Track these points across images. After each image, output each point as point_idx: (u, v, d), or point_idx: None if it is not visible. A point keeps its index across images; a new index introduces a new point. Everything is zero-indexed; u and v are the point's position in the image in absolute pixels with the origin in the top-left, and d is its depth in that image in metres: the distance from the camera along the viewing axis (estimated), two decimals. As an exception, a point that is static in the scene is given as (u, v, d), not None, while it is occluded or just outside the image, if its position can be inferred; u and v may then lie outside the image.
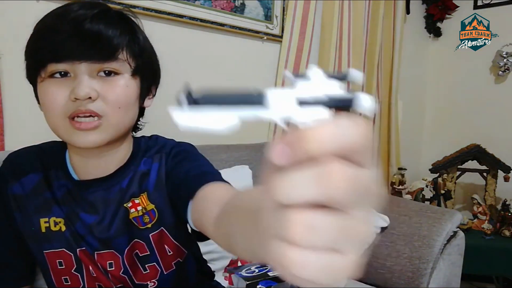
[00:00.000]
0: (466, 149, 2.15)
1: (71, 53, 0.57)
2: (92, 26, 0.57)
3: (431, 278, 1.28)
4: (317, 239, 0.20)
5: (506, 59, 2.32)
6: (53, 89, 0.58)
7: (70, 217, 0.65)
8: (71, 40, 0.57)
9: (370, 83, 2.15)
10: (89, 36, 0.57)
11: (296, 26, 1.79)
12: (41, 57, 0.59)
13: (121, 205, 0.66)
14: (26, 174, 0.66)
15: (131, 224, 0.66)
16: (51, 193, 0.66)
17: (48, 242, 0.65)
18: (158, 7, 1.38)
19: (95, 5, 0.60)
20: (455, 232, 1.35)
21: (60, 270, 0.66)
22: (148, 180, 0.67)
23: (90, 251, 0.66)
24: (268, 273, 1.19)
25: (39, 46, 0.59)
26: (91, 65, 0.58)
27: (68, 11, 0.58)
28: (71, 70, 0.59)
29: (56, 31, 0.57)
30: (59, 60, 0.58)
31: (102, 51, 0.58)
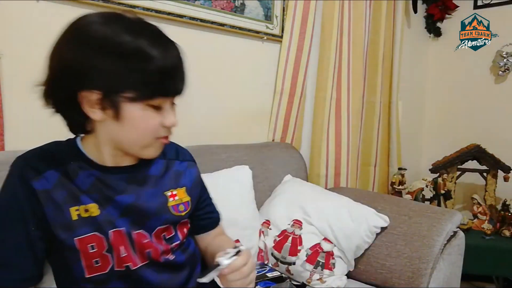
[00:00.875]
0: (466, 149, 2.15)
1: (176, 91, 0.72)
2: (183, 68, 0.72)
3: (431, 278, 1.28)
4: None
5: (506, 59, 2.33)
6: (150, 116, 0.69)
7: (102, 202, 0.72)
8: (179, 81, 0.71)
9: (372, 83, 2.14)
10: (183, 76, 0.73)
11: (296, 26, 1.79)
12: (156, 93, 0.68)
13: (159, 191, 0.79)
14: (46, 170, 0.70)
15: (168, 210, 0.80)
16: (76, 183, 0.71)
17: (79, 229, 0.70)
18: (158, 7, 1.38)
19: (172, 41, 0.71)
20: (455, 232, 1.35)
21: (92, 254, 0.72)
22: (185, 178, 0.85)
23: (125, 230, 0.74)
24: (267, 274, 1.19)
25: (161, 84, 0.68)
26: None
27: (171, 50, 0.69)
28: (164, 103, 0.71)
29: (173, 74, 0.69)
30: (167, 96, 0.71)
31: (185, 86, 0.74)
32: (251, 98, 1.77)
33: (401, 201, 1.54)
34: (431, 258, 1.26)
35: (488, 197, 2.17)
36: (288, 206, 1.43)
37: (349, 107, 2.01)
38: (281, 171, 1.65)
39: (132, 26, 0.66)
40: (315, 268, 1.31)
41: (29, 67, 1.17)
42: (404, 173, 2.13)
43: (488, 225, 1.98)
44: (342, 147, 1.99)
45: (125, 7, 1.31)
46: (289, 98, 1.82)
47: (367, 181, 2.21)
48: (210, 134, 1.62)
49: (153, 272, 0.78)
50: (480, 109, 2.49)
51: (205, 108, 1.61)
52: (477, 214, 2.03)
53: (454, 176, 2.18)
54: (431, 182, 2.08)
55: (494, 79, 2.44)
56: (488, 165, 2.16)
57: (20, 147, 1.11)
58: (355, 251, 1.34)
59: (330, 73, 1.92)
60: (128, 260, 0.75)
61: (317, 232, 1.36)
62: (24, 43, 1.16)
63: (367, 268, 1.37)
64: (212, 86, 1.63)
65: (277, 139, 1.83)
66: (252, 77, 1.76)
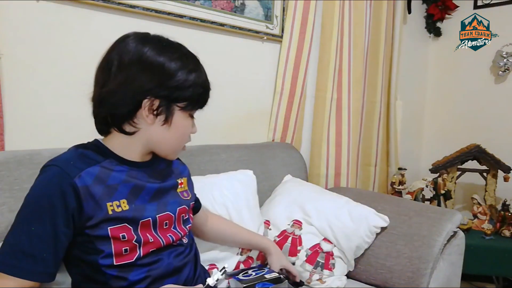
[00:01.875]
0: (466, 149, 2.15)
1: (207, 100, 0.89)
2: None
3: (431, 278, 1.28)
4: None
5: (506, 59, 2.33)
6: (190, 124, 0.87)
7: (133, 193, 0.82)
8: (209, 95, 0.89)
9: (372, 82, 2.14)
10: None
11: (296, 26, 1.79)
12: (198, 104, 0.87)
13: (173, 178, 0.94)
14: (85, 168, 0.77)
15: (178, 195, 0.94)
16: (111, 179, 0.80)
17: (114, 221, 0.78)
18: (158, 7, 1.39)
19: (200, 64, 0.88)
20: (455, 232, 1.35)
21: (123, 242, 0.79)
22: (183, 172, 1.00)
23: (152, 217, 0.83)
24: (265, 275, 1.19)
25: (202, 98, 0.87)
26: None
27: (202, 67, 0.88)
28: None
29: (208, 89, 0.88)
30: (202, 107, 0.89)
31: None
32: (251, 98, 1.77)
33: (401, 201, 1.54)
34: (431, 258, 1.26)
35: (488, 197, 2.17)
36: (288, 206, 1.43)
37: (350, 107, 2.01)
38: (281, 171, 1.65)
39: (179, 52, 0.84)
40: (314, 269, 1.31)
41: (29, 67, 1.17)
42: (404, 173, 2.13)
43: (488, 225, 1.98)
44: (342, 147, 1.99)
45: (125, 7, 1.31)
46: (289, 98, 1.82)
47: (367, 181, 2.22)
48: (210, 134, 1.62)
49: (169, 255, 0.86)
50: (480, 109, 2.49)
51: (205, 108, 1.60)
52: (477, 214, 2.03)
53: (454, 176, 2.18)
54: (431, 182, 2.07)
55: (494, 79, 2.44)
56: (488, 165, 2.16)
57: (20, 147, 1.11)
58: (355, 251, 1.34)
59: (331, 73, 1.92)
60: (153, 245, 0.83)
61: (317, 232, 1.36)
62: (24, 43, 1.16)
63: (367, 268, 1.37)
64: (212, 86, 1.62)
65: (277, 139, 1.83)
66: (252, 77, 1.76)
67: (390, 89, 2.32)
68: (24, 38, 1.16)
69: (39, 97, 1.20)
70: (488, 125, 2.45)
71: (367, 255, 1.37)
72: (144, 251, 0.81)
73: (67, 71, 1.23)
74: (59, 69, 1.23)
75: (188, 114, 0.85)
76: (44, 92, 1.20)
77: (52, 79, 1.22)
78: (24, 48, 1.16)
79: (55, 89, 1.21)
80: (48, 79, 1.21)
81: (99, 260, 0.78)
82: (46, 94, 1.21)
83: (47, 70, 1.21)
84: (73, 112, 1.20)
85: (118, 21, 1.33)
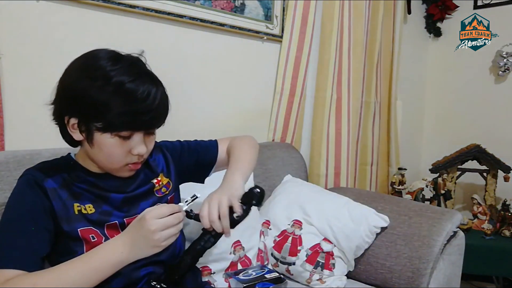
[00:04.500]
0: (466, 149, 2.15)
1: (146, 127, 0.81)
2: (159, 106, 0.79)
3: (431, 278, 1.28)
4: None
5: (506, 59, 2.33)
6: (117, 144, 0.79)
7: (97, 202, 0.84)
8: (149, 118, 0.78)
9: (370, 83, 2.15)
10: (159, 114, 0.80)
11: (296, 26, 1.79)
12: (125, 126, 0.77)
13: (145, 181, 0.91)
14: (52, 175, 0.82)
15: (154, 195, 0.92)
16: (75, 188, 0.83)
17: (80, 222, 0.81)
18: (158, 7, 1.38)
19: (153, 80, 0.80)
20: (455, 232, 1.35)
21: (94, 242, 0.81)
22: (158, 165, 0.97)
23: (119, 221, 0.84)
24: (266, 275, 1.19)
25: (128, 119, 0.76)
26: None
27: (147, 90, 0.77)
28: (134, 134, 0.80)
29: (142, 113, 0.77)
30: (136, 130, 0.79)
31: (160, 123, 0.83)
32: (251, 98, 1.77)
33: (401, 201, 1.54)
34: (431, 258, 1.26)
35: (488, 197, 2.17)
36: (288, 206, 1.43)
37: (349, 107, 2.01)
38: (281, 171, 1.65)
39: (112, 67, 0.76)
40: (315, 269, 1.31)
41: (29, 67, 1.17)
42: (404, 173, 2.13)
43: (488, 225, 1.98)
44: (342, 147, 1.99)
45: (125, 7, 1.31)
46: (289, 98, 1.82)
47: (364, 180, 2.21)
48: (210, 134, 1.62)
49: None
50: (480, 109, 2.49)
51: (205, 108, 1.61)
52: (477, 214, 2.03)
53: (454, 176, 2.18)
54: (431, 182, 2.08)
55: (494, 79, 2.44)
56: (488, 165, 2.16)
57: (20, 147, 1.11)
58: (355, 251, 1.34)
59: (330, 73, 1.92)
60: None
61: (317, 232, 1.36)
62: (24, 43, 1.16)
63: (367, 268, 1.37)
64: (212, 86, 1.63)
65: (277, 139, 1.83)
66: (252, 77, 1.76)
67: (391, 89, 2.32)
68: (24, 38, 1.15)
69: (39, 97, 1.19)
70: (488, 125, 2.45)
71: (367, 255, 1.37)
72: None
73: (67, 71, 1.23)
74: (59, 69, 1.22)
75: (113, 134, 0.77)
76: (44, 92, 1.20)
77: (52, 79, 1.21)
78: (24, 48, 1.16)
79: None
80: (48, 79, 1.21)
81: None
82: (46, 94, 1.20)
83: (47, 70, 1.21)
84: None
85: (118, 21, 1.33)
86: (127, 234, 0.78)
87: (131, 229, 0.78)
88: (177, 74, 1.50)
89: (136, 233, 0.76)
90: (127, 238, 0.77)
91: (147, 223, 0.74)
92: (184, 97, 1.52)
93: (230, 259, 1.24)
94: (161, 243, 0.75)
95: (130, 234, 0.77)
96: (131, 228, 0.78)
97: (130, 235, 0.77)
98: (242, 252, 1.27)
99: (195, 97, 1.57)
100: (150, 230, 0.73)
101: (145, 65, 0.83)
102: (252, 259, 1.31)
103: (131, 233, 0.77)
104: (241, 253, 1.26)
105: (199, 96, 1.58)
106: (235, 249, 1.25)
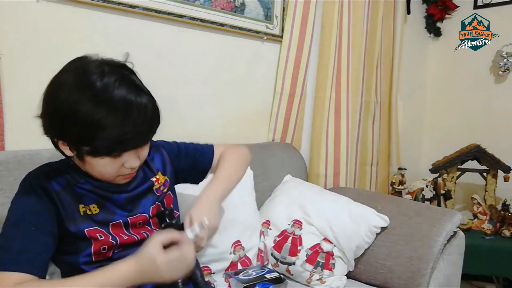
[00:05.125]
0: (466, 149, 2.15)
1: (135, 146, 0.79)
2: (148, 126, 0.78)
3: (431, 278, 1.28)
4: None
5: (506, 59, 2.32)
6: (109, 163, 0.78)
7: (100, 202, 0.85)
8: (139, 137, 0.78)
9: (369, 83, 2.15)
10: (146, 131, 0.79)
11: (296, 26, 1.79)
12: (115, 149, 0.76)
13: (145, 180, 0.92)
14: (54, 178, 0.83)
15: (153, 192, 0.94)
16: (78, 189, 0.84)
17: (86, 222, 0.82)
18: (158, 7, 1.38)
19: (141, 92, 0.76)
20: (455, 232, 1.35)
21: (101, 241, 0.83)
22: (156, 164, 0.98)
23: (123, 220, 0.86)
24: (266, 275, 1.19)
25: (117, 143, 0.75)
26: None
27: (136, 112, 0.74)
28: (124, 153, 0.79)
29: (128, 138, 0.75)
30: (124, 151, 0.78)
31: (149, 138, 0.82)
32: (251, 98, 1.77)
33: (401, 201, 1.54)
34: (431, 258, 1.26)
35: (488, 197, 2.17)
36: (288, 206, 1.43)
37: (349, 107, 2.01)
38: (281, 171, 1.65)
39: (101, 85, 0.73)
40: (315, 269, 1.31)
41: (29, 67, 1.17)
42: (404, 173, 2.13)
43: (488, 225, 1.98)
44: (341, 147, 1.99)
45: (125, 7, 1.31)
46: (289, 98, 1.82)
47: (364, 180, 2.21)
48: (210, 134, 1.62)
49: None
50: (480, 109, 2.49)
51: (205, 108, 1.61)
52: (477, 214, 2.03)
53: (454, 176, 2.18)
54: (431, 182, 2.07)
55: (494, 79, 2.44)
56: (488, 165, 2.16)
57: (20, 147, 1.11)
58: (355, 251, 1.34)
59: (330, 73, 1.92)
60: (128, 241, 0.86)
61: (317, 232, 1.36)
62: (24, 43, 1.16)
63: (367, 268, 1.37)
64: (212, 86, 1.63)
65: (277, 139, 1.83)
66: (252, 77, 1.76)
67: (391, 89, 2.32)
68: (24, 38, 1.16)
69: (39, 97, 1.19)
70: (488, 125, 2.45)
71: (367, 255, 1.37)
72: (120, 247, 0.86)
73: (67, 71, 1.23)
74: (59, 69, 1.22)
75: (103, 156, 0.77)
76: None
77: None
78: (24, 48, 1.16)
79: (55, 89, 1.21)
80: (48, 79, 1.21)
81: (80, 259, 0.82)
82: (46, 94, 1.21)
83: (47, 70, 1.20)
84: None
85: (118, 21, 1.33)
86: (136, 264, 0.75)
87: (141, 260, 0.75)
88: (177, 74, 1.49)
89: (145, 266, 0.75)
90: (137, 266, 0.75)
91: (159, 268, 0.74)
92: (184, 97, 1.52)
93: (230, 259, 1.24)
94: (168, 277, 0.76)
95: (140, 262, 0.75)
96: (140, 259, 0.76)
97: (141, 263, 0.75)
98: (242, 252, 1.27)
99: (195, 97, 1.57)
100: (160, 271, 0.74)
101: (133, 73, 0.80)
102: (252, 259, 1.31)
103: (141, 262, 0.75)
104: (241, 253, 1.26)
105: (199, 96, 1.58)
106: (235, 249, 1.25)
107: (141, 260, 0.75)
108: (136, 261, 0.75)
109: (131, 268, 0.75)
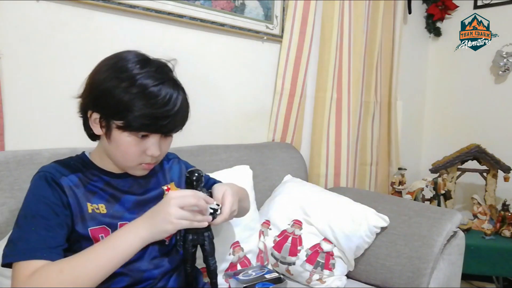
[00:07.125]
0: (466, 149, 2.15)
1: (164, 131, 0.83)
2: (178, 112, 0.82)
3: (431, 278, 1.28)
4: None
5: (506, 59, 2.33)
6: (134, 143, 0.82)
7: (110, 201, 0.87)
8: (168, 122, 0.81)
9: (369, 83, 2.15)
10: (177, 120, 0.84)
11: (296, 26, 1.79)
12: (143, 128, 0.80)
13: (157, 186, 0.95)
14: (68, 174, 0.85)
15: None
16: (90, 186, 0.86)
17: (92, 221, 0.83)
18: (158, 7, 1.39)
19: (176, 86, 0.84)
20: (455, 232, 1.35)
21: None
22: (173, 174, 1.01)
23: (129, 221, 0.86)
24: (265, 275, 1.19)
25: (147, 121, 0.79)
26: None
27: (168, 96, 0.80)
28: (149, 136, 0.83)
29: (160, 118, 0.80)
30: (154, 133, 0.82)
31: (178, 128, 0.85)
32: (251, 98, 1.77)
33: (401, 201, 1.54)
34: (431, 258, 1.26)
35: (488, 197, 2.17)
36: (288, 206, 1.43)
37: (349, 107, 2.01)
38: (281, 171, 1.65)
39: (139, 70, 0.80)
40: (315, 268, 1.31)
41: (29, 67, 1.17)
42: (404, 173, 2.13)
43: (488, 225, 1.98)
44: (342, 147, 1.99)
45: (125, 7, 1.31)
46: (289, 98, 1.82)
47: (364, 180, 2.22)
48: (210, 134, 1.62)
49: (150, 255, 0.89)
50: (480, 109, 2.49)
51: (205, 108, 1.61)
52: (477, 214, 2.03)
53: (454, 176, 2.18)
54: (431, 182, 2.07)
55: (494, 79, 2.44)
56: (488, 165, 2.16)
57: (20, 147, 1.11)
58: (355, 251, 1.34)
59: (330, 73, 1.92)
60: None
61: (317, 232, 1.36)
62: (24, 43, 1.16)
63: (367, 268, 1.37)
64: (212, 86, 1.63)
65: (277, 139, 1.83)
66: (252, 77, 1.76)
67: (391, 89, 2.32)
68: (24, 38, 1.16)
69: (39, 97, 1.20)
70: (488, 125, 2.45)
71: (367, 255, 1.37)
72: None
73: (67, 71, 1.23)
74: (59, 69, 1.23)
75: (131, 133, 0.81)
76: (44, 92, 1.20)
77: (52, 79, 1.22)
78: (24, 48, 1.16)
79: (55, 89, 1.21)
80: (48, 79, 1.21)
81: None
82: (46, 94, 1.21)
83: (47, 70, 1.21)
84: (73, 112, 1.19)
85: (118, 21, 1.33)
86: (147, 212, 0.81)
87: (153, 208, 0.81)
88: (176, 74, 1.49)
89: (155, 208, 0.80)
90: (146, 215, 0.80)
91: (168, 196, 0.79)
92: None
93: (230, 260, 1.24)
94: (174, 219, 0.77)
95: (151, 210, 0.81)
96: (154, 207, 0.81)
97: (150, 211, 0.81)
98: (241, 253, 1.27)
99: (195, 97, 1.56)
100: (168, 203, 0.78)
101: (171, 71, 0.87)
102: (252, 259, 1.31)
103: (152, 209, 0.81)
104: (240, 254, 1.26)
105: (199, 97, 1.58)
106: (234, 250, 1.25)
107: (150, 210, 0.81)
108: (145, 214, 0.81)
109: (142, 216, 0.80)
